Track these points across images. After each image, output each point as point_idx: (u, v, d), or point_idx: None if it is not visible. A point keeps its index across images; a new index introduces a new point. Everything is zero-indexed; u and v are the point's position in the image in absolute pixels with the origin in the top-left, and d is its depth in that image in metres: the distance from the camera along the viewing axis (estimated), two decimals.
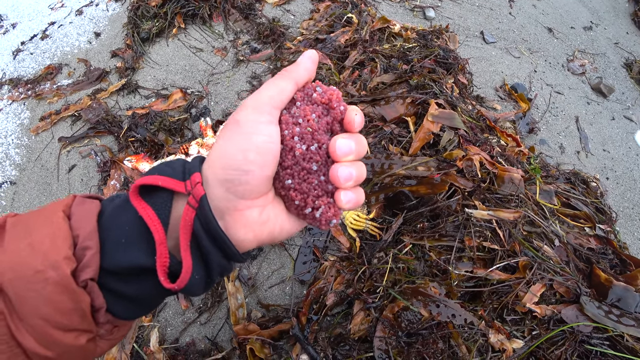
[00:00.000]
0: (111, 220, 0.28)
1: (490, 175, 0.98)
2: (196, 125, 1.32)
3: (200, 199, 0.27)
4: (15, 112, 1.43)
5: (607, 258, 0.90)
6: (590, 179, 1.15)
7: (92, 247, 0.26)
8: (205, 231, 0.27)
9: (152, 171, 0.30)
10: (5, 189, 1.25)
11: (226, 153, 0.28)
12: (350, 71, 1.36)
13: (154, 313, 0.96)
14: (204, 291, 0.30)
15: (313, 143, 0.31)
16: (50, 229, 0.26)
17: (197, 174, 0.29)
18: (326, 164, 0.31)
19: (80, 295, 0.25)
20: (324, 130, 0.32)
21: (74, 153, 1.28)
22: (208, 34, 1.59)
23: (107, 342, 0.29)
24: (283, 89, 0.31)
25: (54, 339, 0.25)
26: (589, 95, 1.78)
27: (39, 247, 0.25)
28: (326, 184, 0.31)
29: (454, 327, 0.77)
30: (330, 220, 0.32)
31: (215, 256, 0.28)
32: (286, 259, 1.02)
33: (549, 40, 1.97)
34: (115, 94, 1.41)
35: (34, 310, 0.25)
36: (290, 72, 0.32)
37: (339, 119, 0.32)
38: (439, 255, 0.87)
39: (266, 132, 0.29)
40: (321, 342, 0.83)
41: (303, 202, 0.31)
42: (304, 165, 0.31)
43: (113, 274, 0.27)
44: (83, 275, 0.26)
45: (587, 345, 0.74)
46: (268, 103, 0.30)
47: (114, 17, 1.73)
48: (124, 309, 0.28)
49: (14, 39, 1.70)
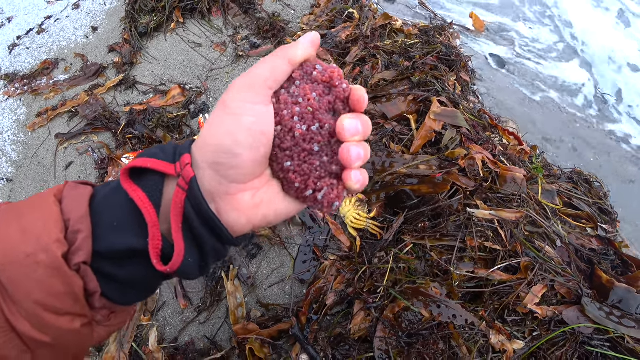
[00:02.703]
0: (103, 204, 0.28)
1: (492, 174, 0.98)
2: (195, 121, 1.30)
3: (190, 180, 0.27)
4: (11, 108, 1.41)
5: (608, 259, 0.90)
6: (593, 179, 1.14)
7: (83, 230, 0.26)
8: (197, 213, 0.27)
9: (143, 154, 0.29)
10: (2, 186, 1.23)
11: (215, 136, 0.27)
12: (351, 67, 1.34)
13: (152, 312, 0.95)
14: (199, 275, 0.29)
15: (314, 123, 0.30)
16: (41, 213, 0.26)
17: (187, 155, 0.28)
18: (329, 144, 0.30)
19: (72, 278, 0.25)
20: (326, 109, 0.30)
21: (71, 150, 1.27)
22: (207, 28, 1.57)
23: (104, 329, 0.29)
24: (276, 67, 0.29)
25: (48, 323, 0.25)
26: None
27: (30, 230, 0.25)
28: (329, 164, 0.30)
29: (455, 327, 0.76)
30: (333, 202, 0.30)
31: (208, 239, 0.28)
32: (286, 257, 1.01)
33: None
34: (112, 90, 1.39)
35: (26, 294, 0.24)
36: (285, 50, 0.30)
37: (342, 98, 0.30)
38: (440, 255, 0.86)
39: (256, 112, 0.28)
40: (321, 342, 0.83)
41: (303, 184, 0.30)
42: (304, 147, 0.29)
43: (106, 257, 0.27)
44: (75, 258, 0.25)
45: (587, 347, 0.74)
46: (259, 83, 0.28)
47: (111, 11, 1.70)
48: (119, 293, 0.28)
49: (10, 33, 1.68)
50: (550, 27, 1.90)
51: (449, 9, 1.88)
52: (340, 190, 0.30)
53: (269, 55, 0.30)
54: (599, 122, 1.57)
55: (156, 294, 0.98)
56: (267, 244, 1.03)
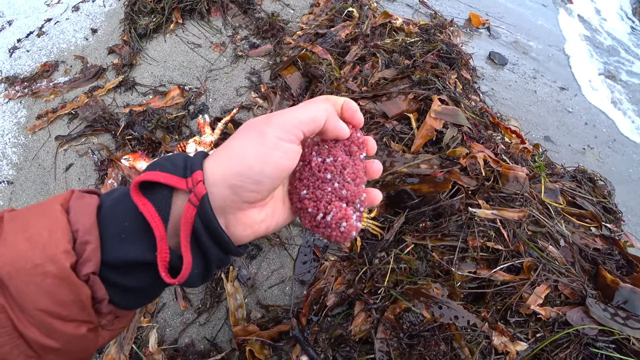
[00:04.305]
0: (110, 215, 0.29)
1: (494, 173, 0.96)
2: (194, 122, 1.30)
3: (202, 197, 0.28)
4: (11, 111, 1.42)
5: (613, 259, 0.88)
6: (597, 177, 1.12)
7: (92, 241, 0.27)
8: (205, 228, 0.28)
9: (152, 166, 0.30)
10: (3, 189, 1.23)
11: (243, 160, 0.29)
12: (351, 66, 1.33)
13: (152, 314, 0.95)
14: (201, 283, 0.31)
15: (329, 157, 0.34)
16: (47, 222, 0.27)
17: (199, 172, 0.29)
18: (341, 174, 0.34)
19: (80, 288, 0.26)
20: (342, 149, 0.35)
21: (71, 152, 1.27)
22: (206, 29, 1.57)
23: (108, 333, 0.30)
24: (315, 123, 0.32)
25: (55, 329, 0.26)
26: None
27: (37, 240, 0.26)
28: (340, 190, 0.33)
29: (457, 329, 0.75)
30: (341, 223, 0.32)
31: (214, 251, 0.29)
32: (286, 258, 1.01)
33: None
34: (112, 91, 1.39)
35: (32, 302, 0.25)
36: (327, 105, 0.33)
37: (356, 143, 0.36)
38: (442, 255, 0.85)
39: (287, 149, 0.30)
40: (321, 344, 0.82)
41: (315, 208, 0.33)
42: (318, 175, 0.34)
43: (113, 267, 0.27)
44: (84, 269, 0.26)
45: (592, 348, 0.73)
46: (297, 126, 0.30)
47: (110, 13, 1.70)
48: (125, 300, 0.29)
49: (10, 36, 1.68)
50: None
51: (449, 6, 1.87)
52: (347, 211, 0.33)
53: (317, 104, 0.32)
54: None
55: None
56: (266, 244, 1.03)
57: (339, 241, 0.33)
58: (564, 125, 1.55)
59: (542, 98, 1.62)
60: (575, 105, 1.67)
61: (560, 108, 1.62)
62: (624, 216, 1.10)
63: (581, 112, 1.65)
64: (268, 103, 1.32)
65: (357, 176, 0.35)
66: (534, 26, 2.04)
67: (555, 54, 1.91)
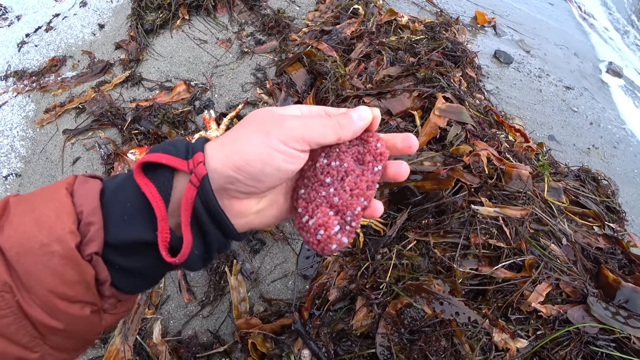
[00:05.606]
0: (113, 198, 0.29)
1: (497, 171, 0.96)
2: (200, 117, 1.31)
3: (202, 178, 0.28)
4: (20, 105, 1.44)
5: (615, 258, 0.88)
6: (601, 177, 1.12)
7: (95, 222, 0.27)
8: (206, 208, 0.29)
9: (155, 149, 0.30)
10: (11, 181, 1.25)
11: (246, 155, 0.29)
12: (356, 64, 1.33)
13: (157, 306, 0.96)
14: (202, 266, 0.32)
15: (336, 160, 0.32)
16: (54, 204, 0.27)
17: (200, 153, 0.29)
18: (341, 181, 0.32)
19: (85, 268, 0.26)
20: (352, 156, 0.33)
21: (78, 145, 1.29)
22: (212, 25, 1.58)
23: (111, 317, 0.31)
24: (325, 137, 0.31)
25: (60, 310, 0.26)
26: None
27: (44, 221, 0.26)
28: (332, 196, 0.32)
29: (458, 325, 0.76)
30: (318, 230, 0.30)
31: (214, 233, 0.30)
32: (289, 253, 1.02)
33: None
34: (119, 86, 1.41)
35: (40, 282, 0.26)
36: (343, 129, 0.32)
37: (372, 153, 0.33)
38: (444, 252, 0.85)
39: (291, 154, 0.30)
40: (323, 338, 0.83)
41: (305, 209, 0.32)
42: (319, 177, 0.32)
43: (115, 248, 0.28)
44: (88, 249, 0.27)
45: (592, 347, 0.73)
46: (307, 140, 0.30)
47: (117, 8, 1.72)
48: (127, 283, 0.30)
49: (19, 31, 1.70)
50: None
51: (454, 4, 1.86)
52: (329, 220, 0.30)
53: (330, 121, 0.32)
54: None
55: (160, 287, 0.99)
56: (270, 239, 1.04)
57: (315, 249, 0.31)
58: (569, 125, 1.54)
59: (547, 97, 1.61)
60: (580, 104, 1.66)
61: (566, 107, 1.61)
62: (628, 216, 1.09)
63: (587, 112, 1.64)
64: (273, 99, 1.33)
65: (358, 187, 0.32)
66: (540, 25, 2.03)
67: (563, 52, 1.90)
